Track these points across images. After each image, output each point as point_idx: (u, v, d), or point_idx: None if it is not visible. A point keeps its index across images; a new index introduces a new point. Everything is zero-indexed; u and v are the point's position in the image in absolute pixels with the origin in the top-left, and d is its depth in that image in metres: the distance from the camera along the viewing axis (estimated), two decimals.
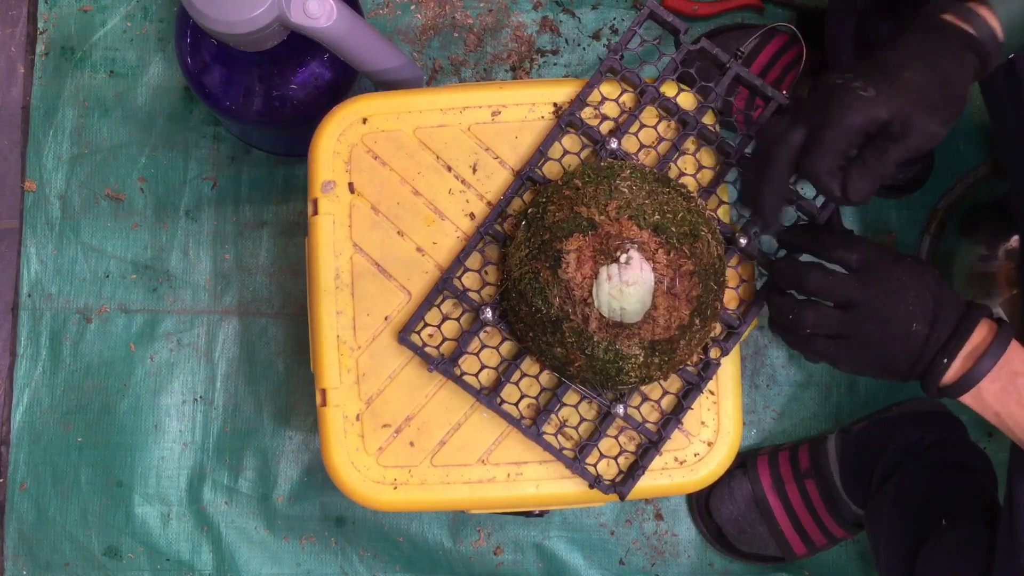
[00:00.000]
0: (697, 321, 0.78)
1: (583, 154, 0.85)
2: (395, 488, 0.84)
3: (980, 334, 0.75)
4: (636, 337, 0.77)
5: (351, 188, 0.85)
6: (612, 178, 0.78)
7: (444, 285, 0.83)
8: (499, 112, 0.85)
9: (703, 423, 0.85)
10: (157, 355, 1.20)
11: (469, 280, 0.84)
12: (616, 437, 0.84)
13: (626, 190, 0.77)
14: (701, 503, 1.17)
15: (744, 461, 1.16)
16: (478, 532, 1.19)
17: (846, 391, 1.20)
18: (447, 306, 0.84)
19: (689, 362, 0.83)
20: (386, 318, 0.84)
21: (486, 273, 0.84)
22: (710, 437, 0.85)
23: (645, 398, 0.84)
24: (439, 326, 0.84)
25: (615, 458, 0.84)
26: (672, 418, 0.83)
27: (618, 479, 0.84)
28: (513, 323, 0.82)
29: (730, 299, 0.84)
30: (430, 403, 0.84)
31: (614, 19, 1.22)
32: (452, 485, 0.84)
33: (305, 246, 0.88)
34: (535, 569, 1.19)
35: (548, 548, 1.19)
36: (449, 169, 0.85)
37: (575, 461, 0.83)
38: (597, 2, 1.22)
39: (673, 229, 0.77)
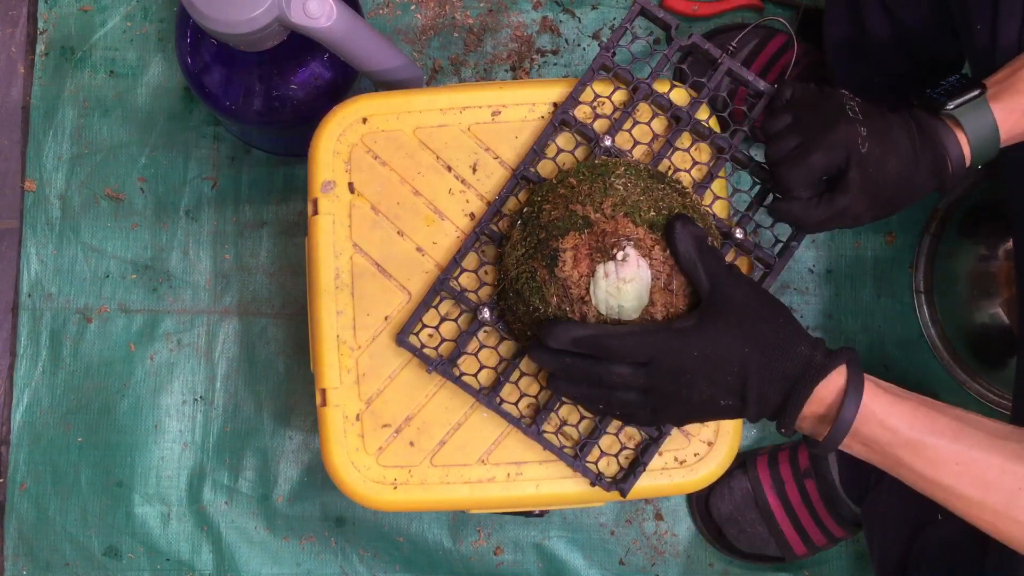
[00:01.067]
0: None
1: (578, 152, 0.85)
2: (395, 488, 0.84)
3: (829, 392, 0.71)
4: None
5: (351, 188, 0.85)
6: (607, 175, 0.78)
7: (441, 286, 0.83)
8: (499, 112, 0.85)
9: (703, 423, 0.85)
10: (157, 355, 1.20)
11: (467, 280, 0.84)
12: (616, 435, 0.84)
13: (621, 187, 0.77)
14: (701, 503, 1.17)
15: (744, 461, 1.16)
16: (478, 532, 1.19)
17: None
18: (445, 307, 0.84)
19: None
20: (386, 318, 0.84)
21: (484, 273, 0.84)
22: (710, 437, 0.85)
23: None
24: (437, 327, 0.84)
25: (616, 455, 0.84)
26: None
27: (619, 477, 0.84)
28: (511, 322, 0.82)
29: None
30: (430, 403, 0.84)
31: (614, 19, 1.22)
32: (452, 485, 0.84)
33: (305, 246, 0.88)
34: (535, 569, 1.19)
35: (548, 548, 1.19)
36: (449, 169, 0.85)
37: (576, 459, 0.83)
38: (597, 2, 1.22)
39: None
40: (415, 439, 0.84)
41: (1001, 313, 1.15)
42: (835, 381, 0.71)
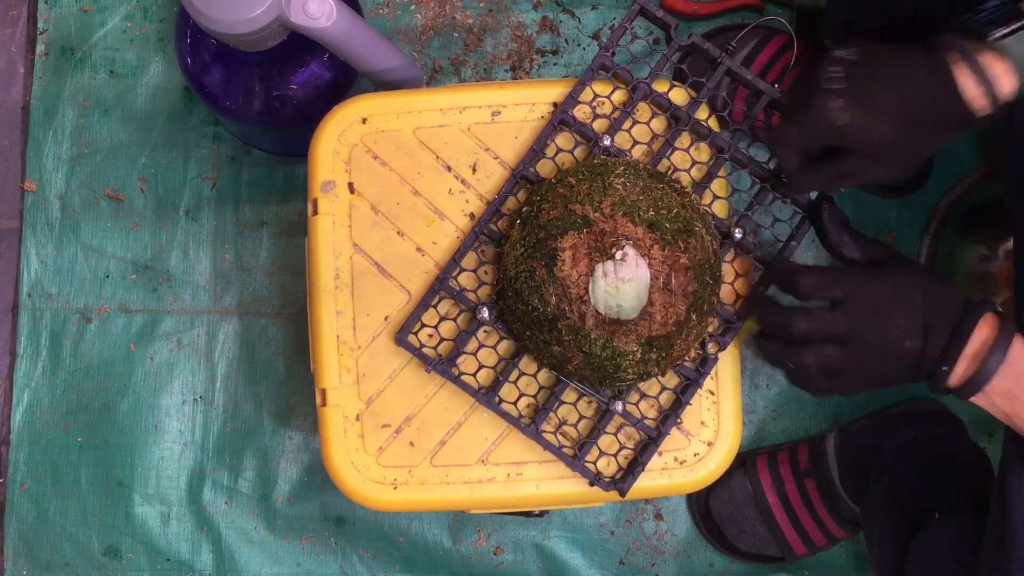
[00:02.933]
0: (694, 316, 0.78)
1: (578, 152, 0.85)
2: (395, 488, 0.84)
3: (982, 335, 0.74)
4: (633, 334, 0.77)
5: (351, 188, 0.85)
6: (606, 175, 0.78)
7: (440, 286, 0.83)
8: (499, 112, 0.85)
9: (703, 423, 0.85)
10: (157, 355, 1.20)
11: (466, 280, 0.84)
12: (615, 434, 0.84)
13: (620, 187, 0.77)
14: (701, 503, 1.17)
15: (744, 461, 1.16)
16: (478, 532, 1.19)
17: None
18: (444, 306, 0.84)
19: (687, 358, 0.83)
20: (386, 318, 0.84)
21: (484, 273, 0.84)
22: (710, 437, 0.85)
23: (643, 395, 0.84)
24: (436, 327, 0.84)
25: (615, 455, 0.84)
26: (671, 414, 0.83)
27: (618, 476, 0.84)
28: (510, 322, 0.82)
29: (727, 294, 0.85)
30: (430, 403, 0.84)
31: (614, 19, 1.22)
32: (452, 485, 0.84)
33: (305, 246, 0.88)
34: (535, 569, 1.19)
35: (548, 548, 1.19)
36: (449, 169, 0.85)
37: (575, 459, 0.83)
38: (597, 2, 1.22)
39: (668, 225, 0.77)
40: (415, 439, 0.84)
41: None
42: (987, 325, 0.74)
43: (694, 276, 0.77)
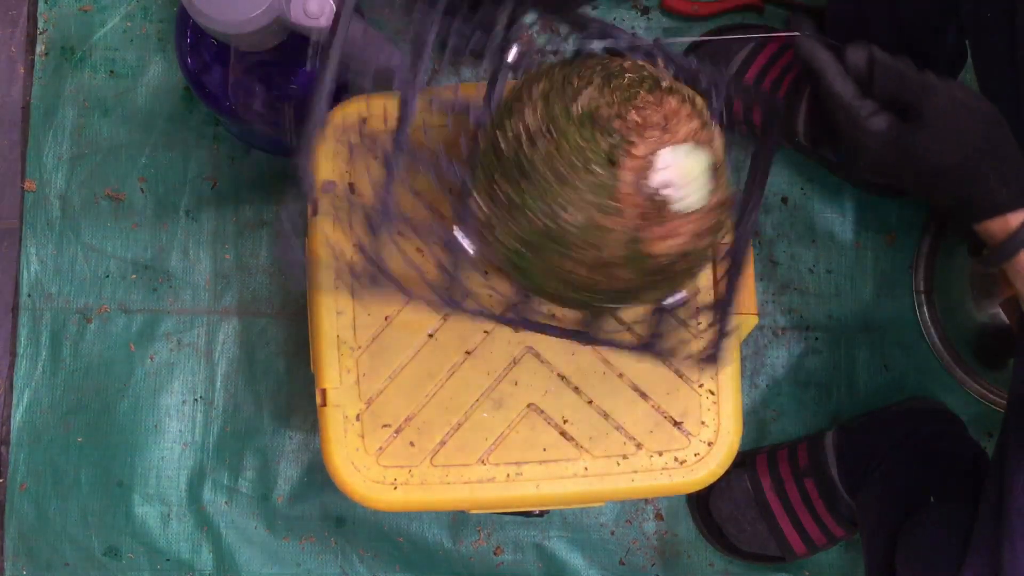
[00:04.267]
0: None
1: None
2: (395, 488, 0.84)
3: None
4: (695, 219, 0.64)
5: (351, 188, 0.85)
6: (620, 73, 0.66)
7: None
8: None
9: (703, 423, 0.85)
10: (157, 355, 1.20)
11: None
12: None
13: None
14: (701, 503, 1.17)
15: (744, 461, 1.16)
16: (478, 532, 1.19)
17: (846, 391, 1.20)
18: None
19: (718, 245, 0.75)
20: (386, 318, 0.84)
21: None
22: (710, 437, 0.85)
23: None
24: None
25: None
26: (725, 277, 0.76)
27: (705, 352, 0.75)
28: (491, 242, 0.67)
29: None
30: (430, 403, 0.84)
31: (614, 19, 1.22)
32: (452, 485, 0.84)
33: (305, 246, 0.88)
34: (535, 569, 1.19)
35: (548, 548, 1.19)
36: None
37: (649, 345, 0.72)
38: (597, 2, 1.22)
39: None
40: (415, 439, 0.84)
41: (1001, 313, 1.15)
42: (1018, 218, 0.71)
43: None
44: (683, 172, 0.61)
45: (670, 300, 0.71)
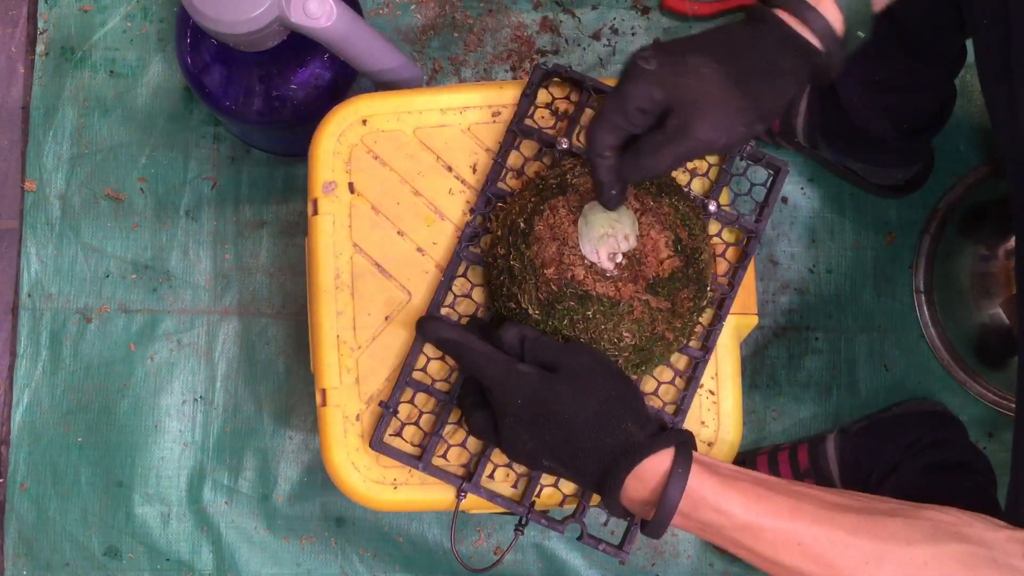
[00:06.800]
0: (690, 271, 0.78)
1: (544, 159, 0.84)
2: (395, 488, 0.84)
3: (654, 477, 0.69)
4: (639, 278, 0.77)
5: (351, 188, 0.85)
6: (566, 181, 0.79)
7: (407, 382, 0.82)
8: (499, 112, 0.85)
9: (703, 423, 0.85)
10: (157, 355, 1.20)
11: (435, 369, 0.83)
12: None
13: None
14: None
15: (744, 461, 1.16)
16: (478, 532, 1.19)
17: (846, 391, 1.20)
18: (420, 400, 0.83)
19: (690, 337, 0.82)
20: (386, 318, 0.84)
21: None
22: (710, 437, 0.85)
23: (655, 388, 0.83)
24: (417, 422, 0.83)
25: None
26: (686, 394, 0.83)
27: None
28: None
29: (721, 271, 0.84)
30: (430, 403, 0.84)
31: (614, 19, 1.22)
32: (452, 485, 0.84)
33: (305, 246, 0.88)
34: (535, 569, 1.19)
35: (548, 548, 1.19)
36: (449, 169, 0.85)
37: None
38: (597, 2, 1.22)
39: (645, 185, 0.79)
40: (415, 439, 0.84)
41: (1001, 313, 1.15)
42: (661, 463, 0.68)
43: (679, 221, 0.78)
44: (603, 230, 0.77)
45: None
